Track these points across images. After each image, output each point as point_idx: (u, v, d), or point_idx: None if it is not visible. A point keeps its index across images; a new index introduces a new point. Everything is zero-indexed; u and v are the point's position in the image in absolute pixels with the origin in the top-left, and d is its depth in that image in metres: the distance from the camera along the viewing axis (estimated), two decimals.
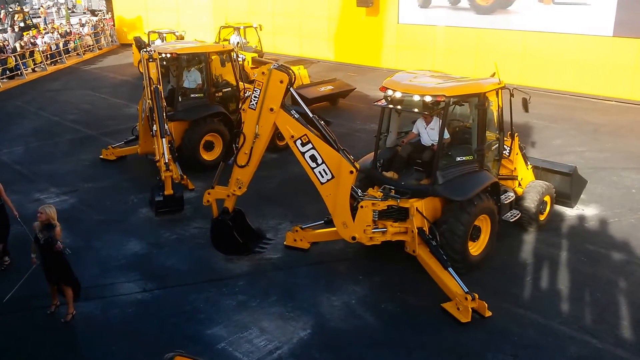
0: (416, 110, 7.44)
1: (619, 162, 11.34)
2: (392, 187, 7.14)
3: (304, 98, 14.49)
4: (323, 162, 6.76)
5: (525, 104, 7.80)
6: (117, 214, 9.46)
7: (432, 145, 7.42)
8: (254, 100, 6.78)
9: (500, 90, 7.56)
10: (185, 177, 10.17)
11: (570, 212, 9.08)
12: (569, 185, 8.92)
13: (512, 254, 7.94)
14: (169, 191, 9.03)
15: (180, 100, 11.30)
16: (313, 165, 6.81)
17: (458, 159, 7.37)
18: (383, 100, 7.44)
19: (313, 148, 6.75)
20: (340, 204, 6.88)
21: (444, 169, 7.17)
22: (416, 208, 7.03)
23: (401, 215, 7.13)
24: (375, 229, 7.04)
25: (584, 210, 9.19)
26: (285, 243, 8.06)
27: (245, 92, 11.62)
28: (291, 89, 6.82)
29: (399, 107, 7.48)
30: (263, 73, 6.71)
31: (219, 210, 7.51)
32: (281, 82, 6.64)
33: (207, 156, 11.34)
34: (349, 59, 22.48)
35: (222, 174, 7.52)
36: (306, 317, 6.58)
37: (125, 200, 10.00)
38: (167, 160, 9.12)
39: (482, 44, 18.54)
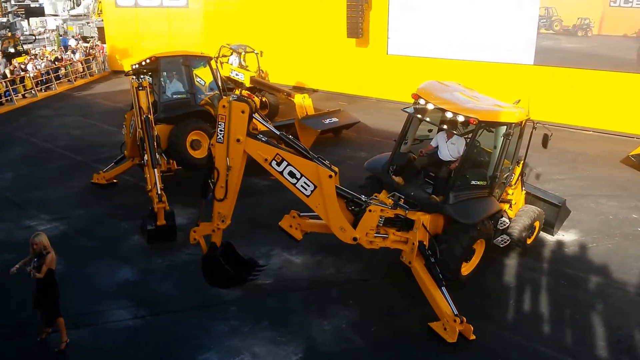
0: (445, 127, 7.56)
1: (597, 190, 11.75)
2: (401, 196, 7.29)
3: (310, 130, 14.49)
4: (302, 175, 6.77)
5: (545, 140, 7.88)
6: (108, 240, 9.53)
7: (451, 163, 7.59)
8: (220, 134, 6.79)
9: (524, 121, 7.78)
10: (172, 161, 10.52)
11: (551, 238, 9.39)
12: (555, 216, 9.20)
13: (496, 277, 8.19)
14: (161, 222, 9.08)
15: (161, 101, 11.69)
16: (293, 181, 6.81)
17: (473, 182, 7.55)
18: (412, 107, 7.59)
19: (289, 164, 6.77)
20: (332, 211, 6.87)
21: (457, 190, 7.35)
22: (422, 223, 7.18)
23: (406, 225, 7.26)
24: (377, 234, 7.15)
25: (564, 235, 9.51)
26: (280, 223, 7.61)
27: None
28: (255, 115, 6.84)
29: (427, 119, 7.62)
30: (224, 106, 6.74)
31: (208, 246, 7.47)
32: (243, 112, 6.67)
33: (196, 154, 11.61)
34: (340, 88, 22.95)
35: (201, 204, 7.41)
36: (297, 342, 6.71)
37: (116, 226, 10.07)
38: (159, 192, 9.18)
39: (470, 76, 19.08)
